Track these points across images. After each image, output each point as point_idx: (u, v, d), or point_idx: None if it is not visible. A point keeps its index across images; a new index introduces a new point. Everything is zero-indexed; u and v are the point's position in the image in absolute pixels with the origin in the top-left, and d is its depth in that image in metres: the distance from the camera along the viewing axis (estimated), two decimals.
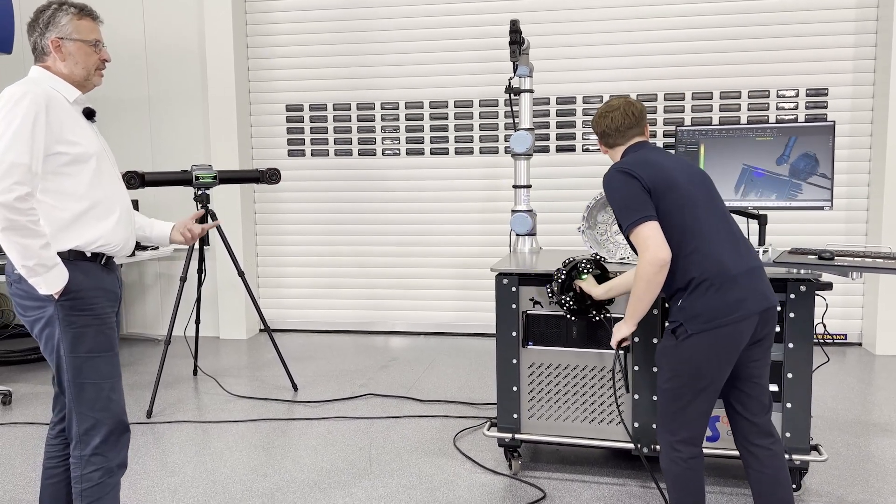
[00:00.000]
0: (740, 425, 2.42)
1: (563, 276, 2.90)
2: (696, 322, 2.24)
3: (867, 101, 5.25)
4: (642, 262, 2.24)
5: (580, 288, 2.88)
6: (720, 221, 2.33)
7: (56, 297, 2.15)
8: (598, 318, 2.98)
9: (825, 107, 5.28)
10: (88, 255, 2.23)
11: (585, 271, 2.88)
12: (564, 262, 2.95)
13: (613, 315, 3.03)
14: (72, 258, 2.19)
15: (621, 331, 2.53)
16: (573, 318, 3.01)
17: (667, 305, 2.89)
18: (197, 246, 4.51)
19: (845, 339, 5.42)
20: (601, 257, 3.02)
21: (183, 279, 4.39)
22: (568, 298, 2.90)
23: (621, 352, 3.00)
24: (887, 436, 3.68)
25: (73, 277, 2.16)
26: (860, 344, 5.41)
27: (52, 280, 2.11)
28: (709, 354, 2.25)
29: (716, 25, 5.36)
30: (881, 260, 2.88)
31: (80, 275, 2.19)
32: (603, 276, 2.91)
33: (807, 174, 3.21)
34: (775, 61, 5.31)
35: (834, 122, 3.21)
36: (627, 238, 2.35)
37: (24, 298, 2.20)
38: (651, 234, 2.23)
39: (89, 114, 2.31)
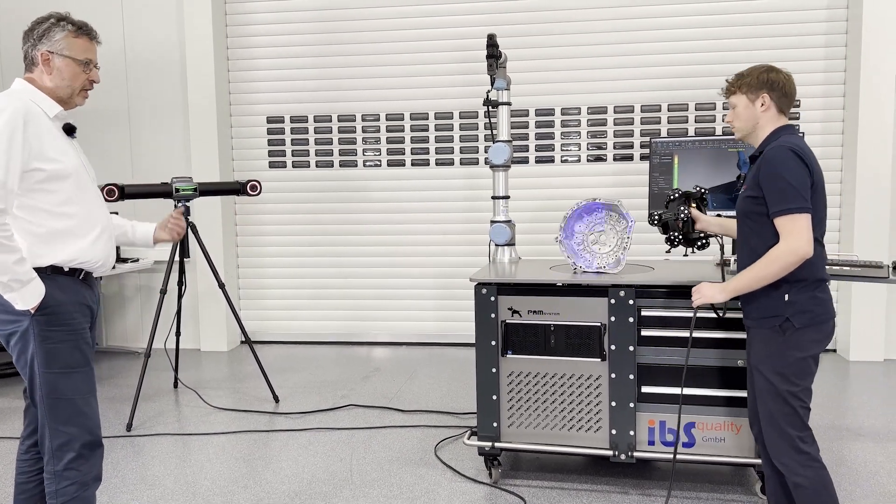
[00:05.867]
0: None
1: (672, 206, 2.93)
2: (804, 317, 2.32)
3: (838, 112, 5.37)
4: (786, 249, 2.27)
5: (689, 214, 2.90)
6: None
7: (32, 311, 2.14)
8: (703, 242, 2.95)
9: (797, 117, 5.39)
10: (66, 270, 2.22)
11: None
12: (669, 196, 2.97)
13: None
14: (49, 273, 2.18)
15: (716, 297, 2.49)
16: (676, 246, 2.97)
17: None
18: (177, 258, 4.50)
19: None
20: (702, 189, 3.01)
21: (163, 291, 4.38)
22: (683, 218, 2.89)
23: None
24: (860, 440, 3.75)
25: (50, 292, 2.15)
26: (834, 350, 5.50)
27: (27, 295, 2.10)
28: (815, 348, 2.35)
29: (691, 38, 5.46)
30: (853, 268, 2.96)
31: (57, 290, 2.18)
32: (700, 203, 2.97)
33: None
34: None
35: (803, 133, 3.29)
36: (771, 220, 2.33)
37: None
38: (806, 227, 2.27)
39: (69, 130, 2.30)
